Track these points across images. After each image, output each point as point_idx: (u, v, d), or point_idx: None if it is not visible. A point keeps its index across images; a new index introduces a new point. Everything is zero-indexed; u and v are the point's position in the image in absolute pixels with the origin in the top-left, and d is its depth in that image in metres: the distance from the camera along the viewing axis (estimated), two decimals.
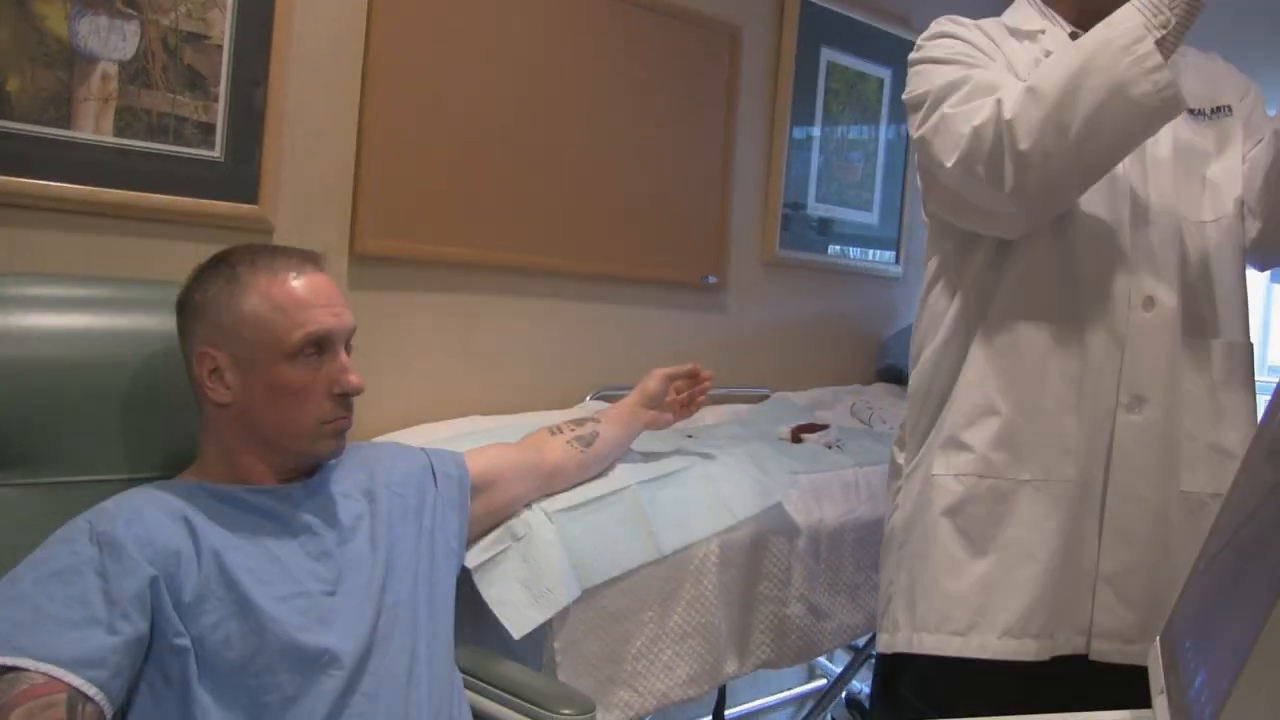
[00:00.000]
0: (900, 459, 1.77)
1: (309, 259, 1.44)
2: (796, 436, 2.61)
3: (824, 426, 2.66)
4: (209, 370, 1.38)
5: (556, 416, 2.41)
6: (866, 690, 3.12)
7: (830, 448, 2.56)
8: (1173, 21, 1.33)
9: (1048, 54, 1.60)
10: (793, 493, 2.16)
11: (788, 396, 3.07)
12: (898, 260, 3.60)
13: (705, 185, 2.95)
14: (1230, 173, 1.62)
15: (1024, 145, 1.39)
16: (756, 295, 3.15)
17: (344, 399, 1.42)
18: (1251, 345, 1.62)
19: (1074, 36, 1.61)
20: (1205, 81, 1.66)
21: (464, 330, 2.45)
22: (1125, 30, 1.35)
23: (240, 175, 2.02)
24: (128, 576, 1.19)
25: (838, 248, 3.40)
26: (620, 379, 2.71)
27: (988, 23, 1.72)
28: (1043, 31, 1.67)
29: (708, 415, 2.71)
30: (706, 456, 2.16)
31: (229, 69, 1.99)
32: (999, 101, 1.43)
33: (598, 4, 2.62)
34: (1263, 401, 1.05)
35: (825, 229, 3.35)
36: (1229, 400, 1.57)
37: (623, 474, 1.94)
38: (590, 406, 2.60)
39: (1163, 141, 1.57)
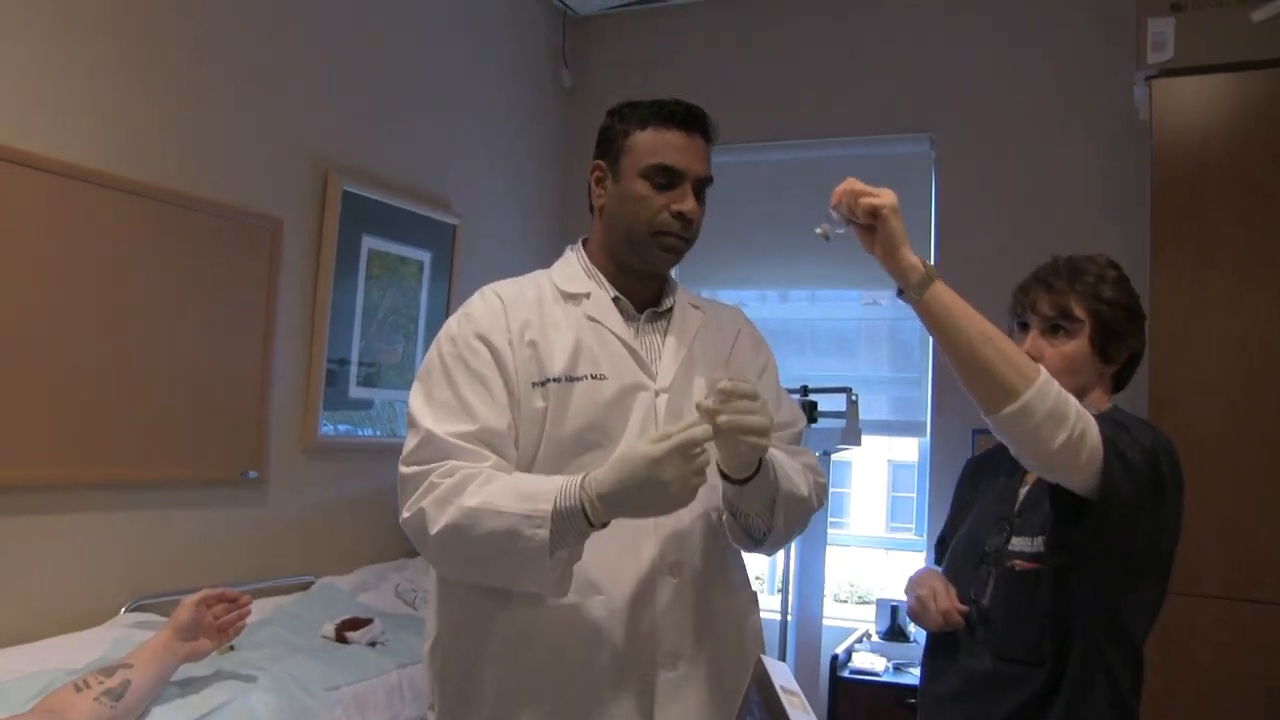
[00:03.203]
0: None
1: None
2: (341, 635, 2.64)
3: (368, 621, 2.70)
4: None
5: (85, 640, 2.29)
6: None
7: (374, 645, 2.61)
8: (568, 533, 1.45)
9: (591, 319, 1.70)
10: (336, 711, 2.19)
11: (333, 582, 3.07)
12: None
13: (244, 377, 2.93)
14: None
15: (431, 553, 1.57)
16: (298, 483, 3.16)
17: None
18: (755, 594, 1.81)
19: (616, 300, 1.73)
20: (726, 352, 1.81)
21: None
22: (530, 536, 1.45)
23: None
24: None
25: (380, 425, 3.48)
26: (158, 586, 2.61)
27: (533, 282, 1.78)
28: (588, 295, 1.74)
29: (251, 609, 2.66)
30: (247, 680, 2.13)
31: None
32: (458, 508, 1.49)
33: (124, 202, 2.56)
34: None
35: (367, 409, 3.43)
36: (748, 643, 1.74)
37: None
38: (125, 620, 2.48)
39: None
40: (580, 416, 1.62)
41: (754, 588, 1.81)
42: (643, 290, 1.77)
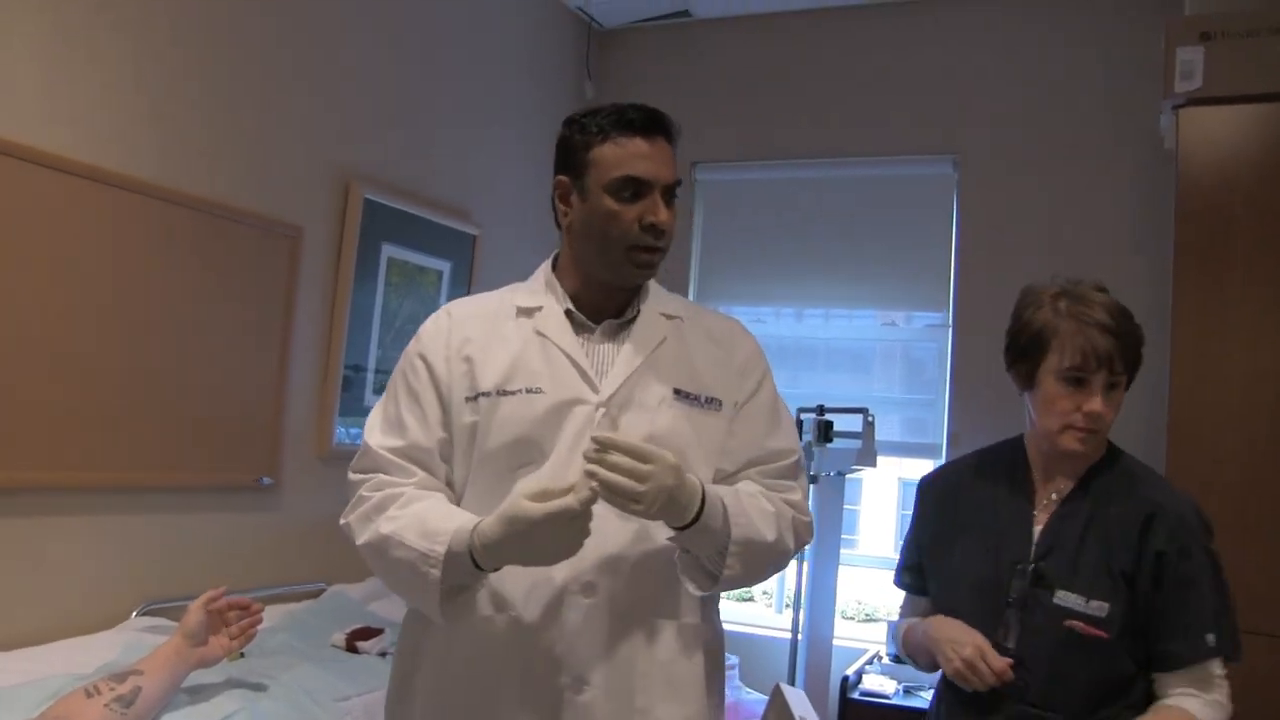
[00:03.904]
0: None
1: None
2: (351, 645, 2.63)
3: (379, 631, 2.70)
4: None
5: (96, 644, 2.29)
6: None
7: (385, 655, 2.61)
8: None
9: (539, 333, 1.68)
10: None
11: (344, 590, 3.07)
12: None
13: (261, 384, 2.94)
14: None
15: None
16: (312, 489, 3.15)
17: None
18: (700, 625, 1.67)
19: (568, 314, 1.71)
20: (709, 365, 1.71)
21: None
22: (424, 573, 1.50)
23: None
24: None
25: None
26: (169, 590, 2.61)
27: (497, 297, 1.81)
28: (540, 308, 1.74)
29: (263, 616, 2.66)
30: (257, 688, 2.13)
31: None
32: (374, 531, 1.58)
33: (146, 207, 2.57)
34: None
35: None
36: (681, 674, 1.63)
37: None
38: (137, 623, 2.48)
39: (638, 426, 1.62)
40: (508, 431, 1.61)
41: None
42: (607, 302, 1.72)
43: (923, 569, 1.94)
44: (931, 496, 1.97)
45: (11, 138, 2.25)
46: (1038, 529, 1.77)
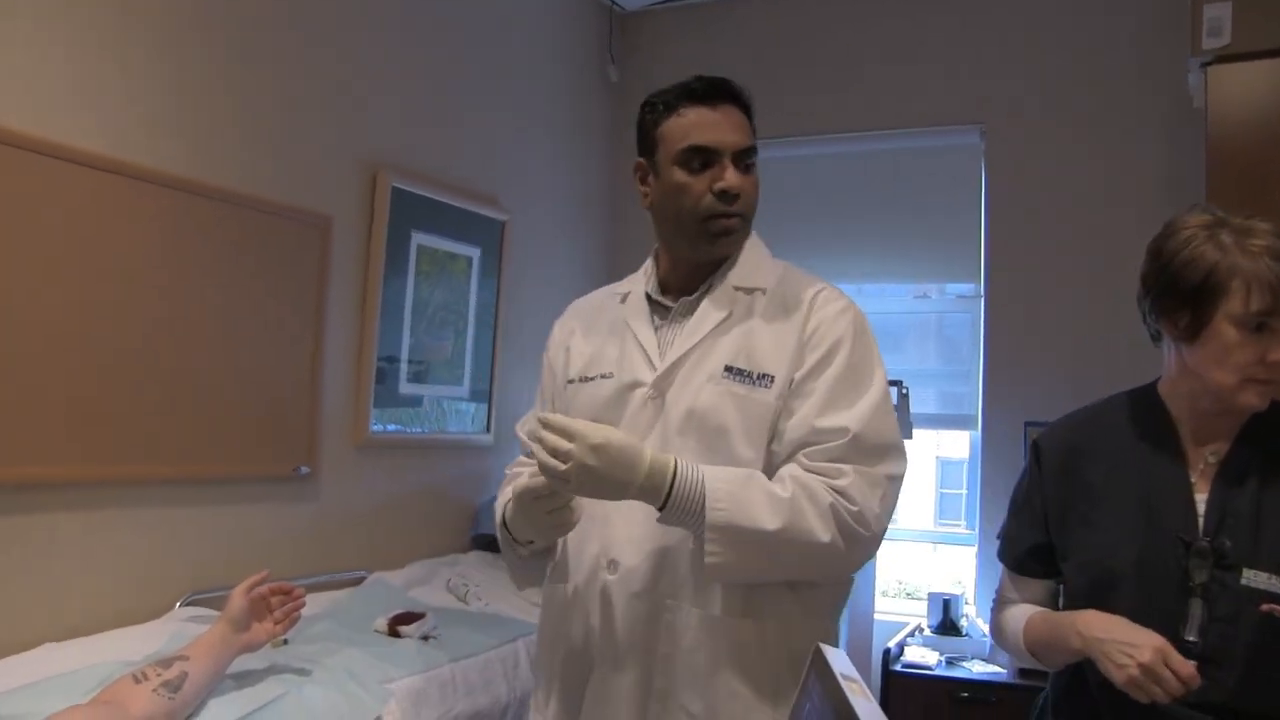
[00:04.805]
0: None
1: None
2: (394, 629, 2.65)
3: (421, 616, 2.72)
4: None
5: (142, 633, 2.33)
6: None
7: (427, 640, 2.63)
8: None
9: (624, 319, 1.73)
10: (389, 704, 2.20)
11: (385, 578, 3.10)
12: (488, 429, 3.76)
13: (295, 375, 2.96)
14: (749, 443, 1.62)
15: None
16: (350, 478, 3.18)
17: None
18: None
19: (647, 296, 1.74)
20: (771, 338, 1.64)
21: (29, 556, 2.29)
22: (500, 535, 1.74)
23: None
24: None
25: (430, 423, 3.51)
26: (212, 581, 2.64)
27: (609, 289, 1.87)
28: (630, 293, 1.78)
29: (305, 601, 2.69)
30: (301, 673, 2.16)
31: None
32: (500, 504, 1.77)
33: (176, 200, 2.59)
34: None
35: (417, 405, 3.45)
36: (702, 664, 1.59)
37: (215, 712, 1.90)
38: (181, 614, 2.52)
39: (679, 404, 1.62)
40: (583, 415, 1.63)
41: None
42: (691, 280, 1.72)
43: (1050, 548, 1.67)
44: (1054, 460, 1.68)
45: (41, 134, 2.27)
46: (1200, 498, 1.53)
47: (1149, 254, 1.58)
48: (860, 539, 1.52)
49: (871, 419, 1.56)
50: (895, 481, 1.57)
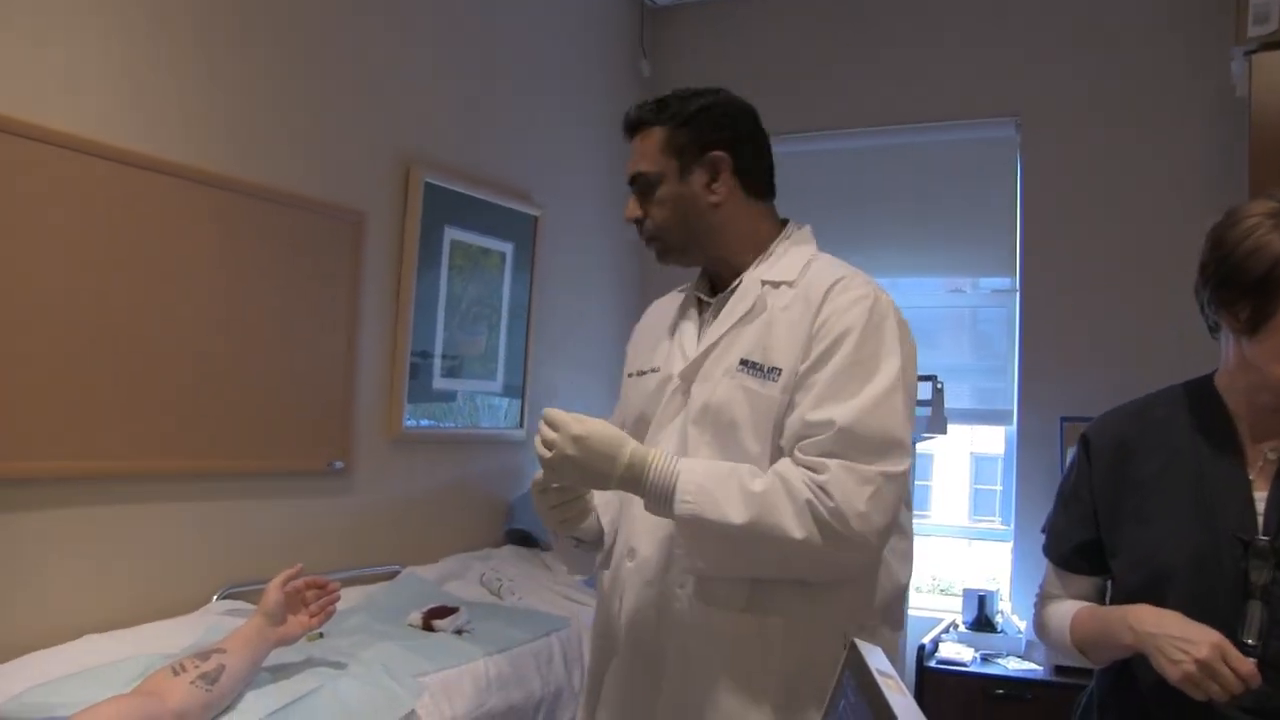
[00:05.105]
0: None
1: None
2: (428, 623, 2.67)
3: (455, 610, 2.73)
4: None
5: (180, 626, 2.35)
6: None
7: (461, 634, 2.64)
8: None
9: (675, 320, 1.80)
10: (424, 698, 2.21)
11: (418, 572, 3.11)
12: (521, 424, 3.77)
13: (330, 370, 2.98)
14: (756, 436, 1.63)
15: None
16: (384, 473, 3.20)
17: None
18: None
19: (698, 296, 1.79)
20: (786, 330, 1.63)
21: (72, 549, 2.32)
22: None
23: None
24: None
25: (463, 418, 3.52)
26: (247, 574, 2.66)
27: (678, 291, 1.90)
28: (686, 291, 1.85)
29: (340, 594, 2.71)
30: (337, 666, 2.17)
31: None
32: None
33: (210, 197, 2.61)
34: None
35: (450, 400, 3.46)
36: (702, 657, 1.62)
37: (251, 705, 1.91)
38: (218, 607, 2.54)
39: (698, 398, 1.65)
40: (632, 408, 1.78)
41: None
42: (717, 278, 1.78)
43: (1099, 545, 1.61)
44: (1104, 454, 1.62)
45: (76, 131, 2.29)
46: (1259, 496, 1.47)
47: (1209, 242, 1.52)
48: (841, 537, 1.46)
49: (871, 412, 1.51)
50: (892, 479, 1.51)
